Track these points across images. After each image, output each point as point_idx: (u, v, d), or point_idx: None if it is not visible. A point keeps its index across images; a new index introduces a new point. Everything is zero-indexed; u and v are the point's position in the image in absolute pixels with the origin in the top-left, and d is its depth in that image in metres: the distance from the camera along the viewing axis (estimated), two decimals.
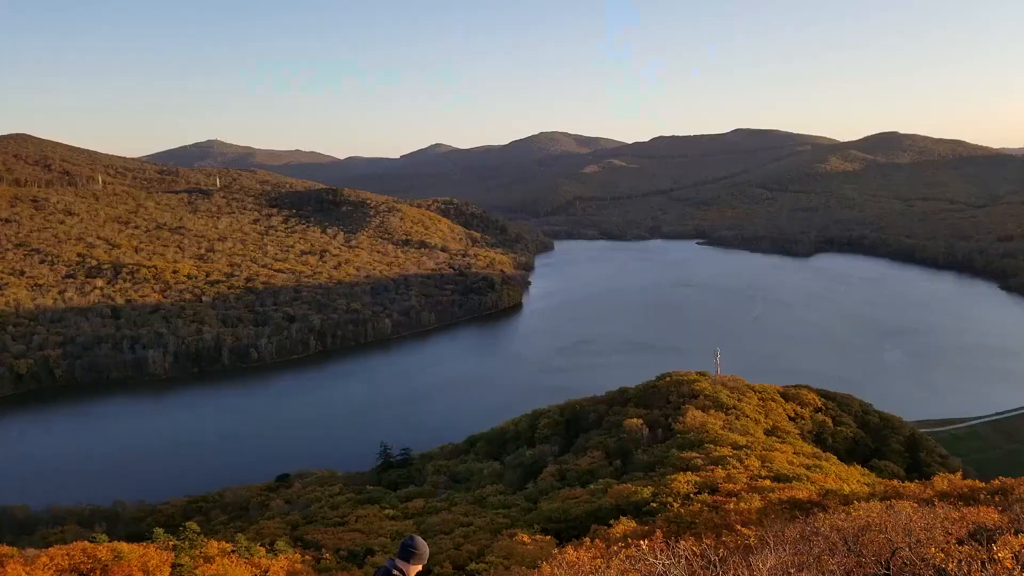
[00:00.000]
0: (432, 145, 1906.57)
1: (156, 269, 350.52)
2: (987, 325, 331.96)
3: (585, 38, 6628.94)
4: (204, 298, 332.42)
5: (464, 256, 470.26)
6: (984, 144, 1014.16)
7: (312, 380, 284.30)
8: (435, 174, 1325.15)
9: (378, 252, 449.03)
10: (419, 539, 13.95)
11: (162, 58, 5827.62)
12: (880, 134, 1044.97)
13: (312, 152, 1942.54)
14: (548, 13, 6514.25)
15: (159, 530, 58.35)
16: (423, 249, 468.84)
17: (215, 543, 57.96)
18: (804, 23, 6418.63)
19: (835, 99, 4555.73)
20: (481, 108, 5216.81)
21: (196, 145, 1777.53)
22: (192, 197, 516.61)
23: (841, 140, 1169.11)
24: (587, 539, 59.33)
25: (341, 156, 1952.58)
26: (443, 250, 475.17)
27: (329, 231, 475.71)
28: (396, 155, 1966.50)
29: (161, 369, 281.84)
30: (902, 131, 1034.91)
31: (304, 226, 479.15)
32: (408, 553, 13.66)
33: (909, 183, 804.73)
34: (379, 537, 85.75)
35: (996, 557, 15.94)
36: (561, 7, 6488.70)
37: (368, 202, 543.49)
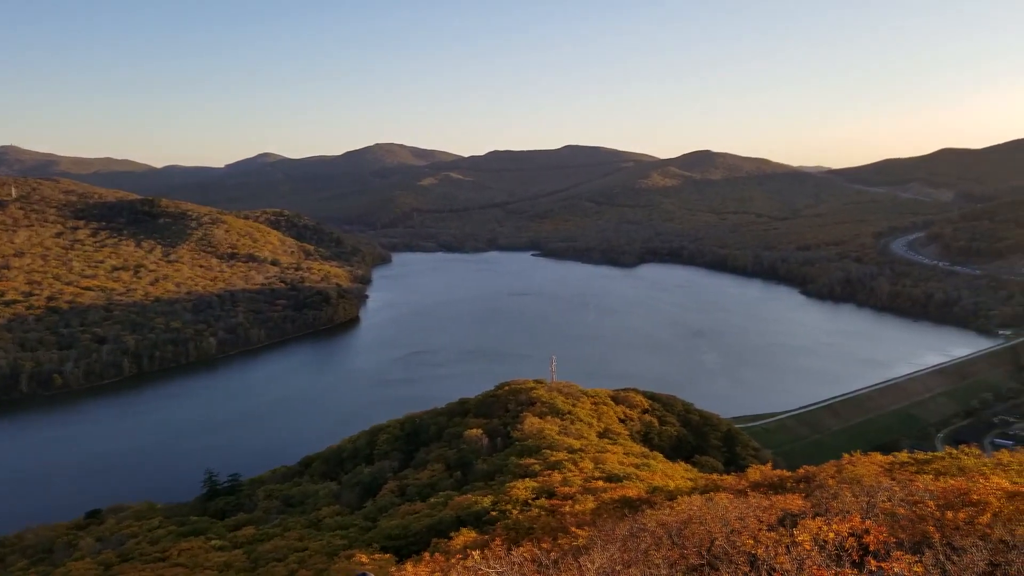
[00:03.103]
0: (260, 154, 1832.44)
1: None
2: (789, 326, 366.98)
3: (421, 51, 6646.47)
4: None
5: (297, 270, 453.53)
6: (785, 163, 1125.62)
7: (127, 406, 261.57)
8: (263, 184, 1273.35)
9: (201, 267, 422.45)
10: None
11: None
12: (695, 152, 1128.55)
13: (125, 160, 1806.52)
14: (382, 23, 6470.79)
15: None
16: (251, 263, 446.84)
17: None
18: (628, 47, 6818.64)
19: (656, 119, 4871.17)
20: (313, 117, 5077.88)
21: None
22: None
23: (661, 157, 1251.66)
24: (427, 554, 58.44)
25: (158, 165, 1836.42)
26: (274, 264, 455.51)
27: (145, 245, 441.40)
28: (220, 164, 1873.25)
29: None
30: (715, 150, 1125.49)
31: (116, 240, 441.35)
32: None
33: (721, 198, 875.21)
34: (205, 570, 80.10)
35: (797, 540, 17.16)
36: (395, 17, 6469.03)
37: (189, 213, 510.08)
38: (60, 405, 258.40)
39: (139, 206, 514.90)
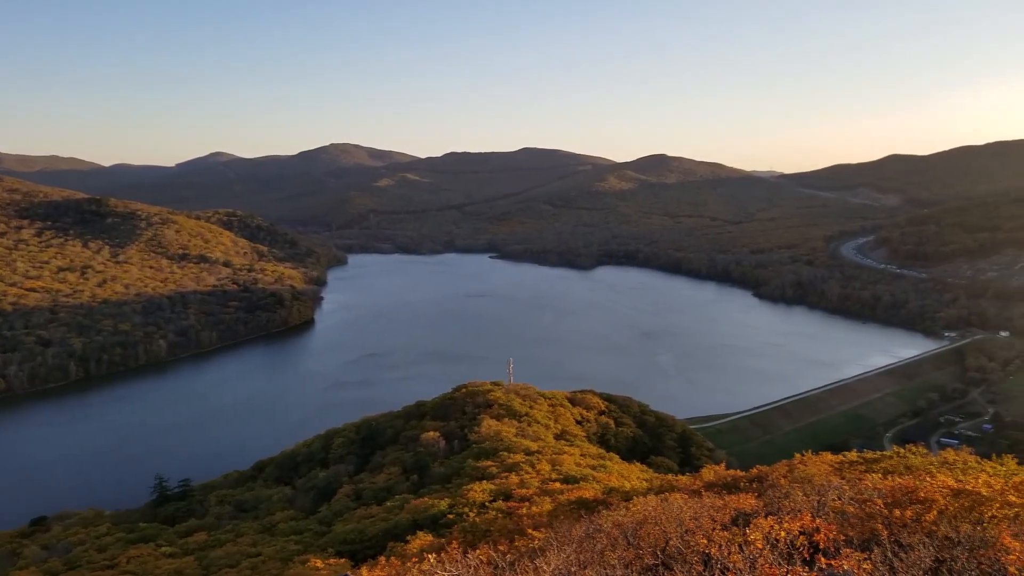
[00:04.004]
0: (212, 153, 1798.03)
1: None
2: (743, 328, 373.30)
3: (377, 51, 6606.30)
4: None
5: (250, 271, 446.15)
6: (738, 167, 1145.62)
7: (74, 410, 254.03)
8: (216, 184, 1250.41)
9: (151, 268, 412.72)
10: None
11: None
12: (651, 156, 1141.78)
13: (72, 158, 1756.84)
14: (337, 22, 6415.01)
15: None
16: (203, 264, 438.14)
17: None
18: (585, 52, 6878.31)
19: (612, 122, 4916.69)
20: (266, 116, 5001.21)
21: None
22: None
23: (617, 161, 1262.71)
24: (383, 558, 57.82)
25: (106, 163, 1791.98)
26: (226, 265, 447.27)
27: (92, 245, 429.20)
28: (171, 163, 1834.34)
29: None
30: (670, 154, 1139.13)
31: (62, 240, 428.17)
32: None
33: (676, 201, 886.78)
34: None
35: (750, 539, 17.36)
36: (350, 17, 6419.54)
37: (138, 213, 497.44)
38: (3, 410, 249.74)
39: (86, 205, 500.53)
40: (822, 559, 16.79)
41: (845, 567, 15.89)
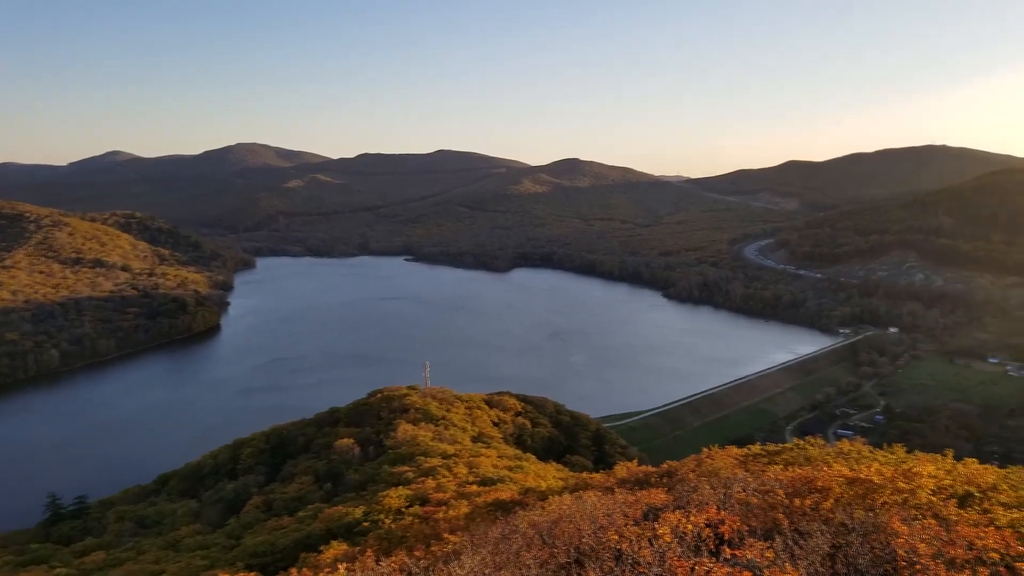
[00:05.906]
0: (109, 152, 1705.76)
1: None
2: (653, 328, 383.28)
3: (285, 45, 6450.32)
4: None
5: (150, 276, 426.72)
6: (647, 172, 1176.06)
7: None
8: (113, 184, 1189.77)
9: (41, 272, 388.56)
10: None
11: None
12: (564, 160, 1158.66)
13: None
14: (241, 15, 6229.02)
15: None
16: (99, 269, 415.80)
17: None
18: (499, 54, 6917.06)
19: (527, 126, 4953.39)
20: (167, 113, 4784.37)
21: None
22: None
23: (532, 164, 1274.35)
24: (294, 569, 56.28)
25: None
26: (124, 269, 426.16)
27: None
28: (63, 162, 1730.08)
29: None
30: (582, 158, 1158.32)
31: None
32: None
33: (588, 205, 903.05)
34: None
35: (659, 534, 17.79)
36: (255, 9, 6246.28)
37: (27, 215, 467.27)
38: None
39: None
40: (727, 550, 17.35)
41: (749, 556, 16.45)
